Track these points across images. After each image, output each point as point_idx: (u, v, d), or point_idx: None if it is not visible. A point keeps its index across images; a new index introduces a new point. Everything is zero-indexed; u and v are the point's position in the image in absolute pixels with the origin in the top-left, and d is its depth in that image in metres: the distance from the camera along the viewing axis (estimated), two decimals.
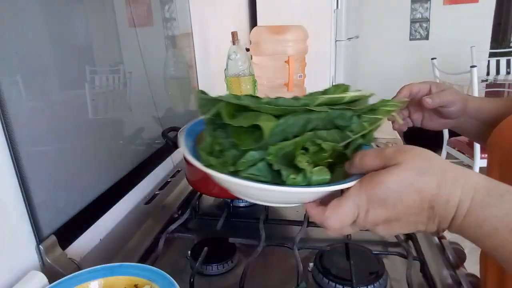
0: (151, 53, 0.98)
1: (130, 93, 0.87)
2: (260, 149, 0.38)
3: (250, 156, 0.38)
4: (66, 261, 0.61)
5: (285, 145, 0.38)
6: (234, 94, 0.46)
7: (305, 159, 0.38)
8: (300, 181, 0.37)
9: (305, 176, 0.37)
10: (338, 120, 0.41)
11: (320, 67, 2.41)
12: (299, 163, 0.37)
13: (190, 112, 1.26)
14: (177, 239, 0.74)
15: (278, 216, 0.84)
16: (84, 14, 0.72)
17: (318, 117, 0.40)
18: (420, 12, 3.97)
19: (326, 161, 0.40)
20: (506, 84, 3.17)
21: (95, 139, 0.74)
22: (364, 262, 0.62)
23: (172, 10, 1.11)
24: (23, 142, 0.55)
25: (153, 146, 0.98)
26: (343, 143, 0.41)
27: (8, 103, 0.52)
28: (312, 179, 0.38)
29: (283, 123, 0.38)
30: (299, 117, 0.39)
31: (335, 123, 0.41)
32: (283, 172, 0.37)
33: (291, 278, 0.61)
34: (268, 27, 2.04)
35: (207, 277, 0.64)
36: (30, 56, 0.58)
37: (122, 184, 0.82)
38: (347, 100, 0.42)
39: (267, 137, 0.37)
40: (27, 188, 0.56)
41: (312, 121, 0.40)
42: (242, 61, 1.32)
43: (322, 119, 0.40)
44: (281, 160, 0.38)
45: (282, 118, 0.38)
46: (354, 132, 0.41)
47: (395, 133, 1.29)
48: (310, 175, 0.37)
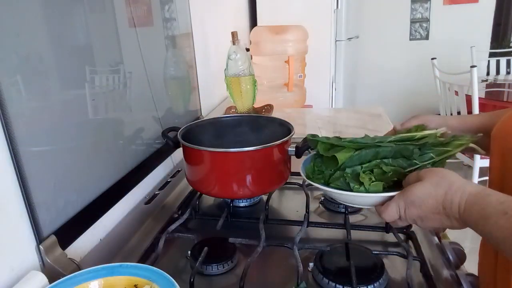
0: (151, 53, 0.98)
1: (130, 93, 0.87)
2: (342, 170, 0.61)
3: (337, 174, 0.61)
4: (66, 261, 0.61)
5: (356, 168, 0.60)
6: (327, 137, 0.67)
7: (368, 177, 0.58)
8: (362, 190, 0.58)
9: (365, 187, 0.58)
10: (403, 151, 0.60)
11: (320, 67, 2.41)
12: (361, 179, 0.58)
13: (190, 112, 1.26)
14: (177, 239, 0.74)
15: (278, 216, 0.84)
16: (84, 14, 0.72)
17: (385, 150, 0.60)
18: (420, 12, 3.97)
19: (392, 180, 0.59)
20: (506, 84, 3.17)
21: (95, 139, 0.74)
22: (364, 262, 0.62)
23: (172, 10, 1.11)
24: (23, 142, 0.55)
25: (153, 146, 0.98)
26: (410, 169, 0.59)
27: (8, 103, 0.52)
28: (370, 189, 0.57)
29: (357, 154, 0.61)
30: (370, 150, 0.61)
31: (402, 153, 0.60)
32: (352, 184, 0.59)
33: (291, 278, 0.61)
34: (268, 27, 2.04)
35: (207, 277, 0.64)
36: (30, 56, 0.58)
37: (122, 184, 0.82)
38: (417, 137, 0.62)
39: (341, 163, 0.61)
40: (27, 188, 0.56)
41: (381, 152, 0.60)
42: (242, 61, 1.32)
43: (389, 151, 0.60)
44: (354, 177, 0.60)
45: (358, 151, 0.61)
46: (419, 160, 0.59)
47: None
48: (368, 187, 0.57)
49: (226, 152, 0.76)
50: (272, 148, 0.77)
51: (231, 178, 0.78)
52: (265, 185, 0.80)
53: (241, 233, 0.72)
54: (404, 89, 4.10)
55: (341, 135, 1.22)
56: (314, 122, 1.53)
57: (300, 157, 0.81)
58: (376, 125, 1.39)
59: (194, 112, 1.29)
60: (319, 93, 2.42)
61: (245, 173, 0.76)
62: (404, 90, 4.11)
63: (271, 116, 0.88)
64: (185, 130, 0.87)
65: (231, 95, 1.40)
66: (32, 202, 0.57)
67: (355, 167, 0.61)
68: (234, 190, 0.78)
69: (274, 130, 0.86)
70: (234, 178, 0.77)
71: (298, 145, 0.80)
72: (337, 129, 1.40)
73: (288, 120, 0.88)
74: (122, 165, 0.83)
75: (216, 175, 0.78)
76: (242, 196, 0.82)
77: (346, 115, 1.65)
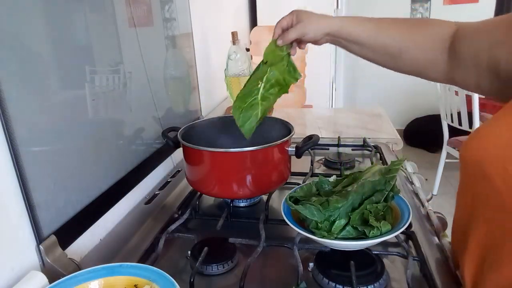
0: (151, 53, 0.98)
1: (130, 93, 0.87)
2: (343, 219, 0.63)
3: (337, 223, 0.63)
4: (66, 261, 0.61)
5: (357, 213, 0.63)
6: None
7: (373, 218, 0.61)
8: (377, 234, 0.60)
9: (379, 229, 0.60)
10: (377, 186, 0.66)
11: (320, 67, 2.41)
12: (372, 223, 0.61)
13: (190, 112, 1.26)
14: (177, 239, 0.74)
15: (278, 216, 0.84)
16: (84, 14, 0.72)
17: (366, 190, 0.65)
18: (420, 12, 3.97)
19: (381, 214, 0.64)
20: None
21: (95, 139, 0.74)
22: (364, 262, 0.62)
23: (172, 10, 1.11)
24: (23, 142, 0.55)
25: (153, 146, 0.98)
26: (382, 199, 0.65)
27: (8, 103, 0.52)
28: (383, 230, 0.61)
29: (349, 201, 0.64)
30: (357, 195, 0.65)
31: (376, 189, 0.66)
32: (366, 231, 0.61)
33: (291, 278, 0.61)
34: (268, 27, 2.04)
35: (207, 277, 0.64)
36: (30, 56, 0.58)
37: (122, 184, 0.82)
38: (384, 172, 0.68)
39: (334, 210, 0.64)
40: (27, 188, 0.56)
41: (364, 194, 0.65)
42: (242, 61, 1.32)
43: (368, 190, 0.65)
44: (360, 222, 0.63)
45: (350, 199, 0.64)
46: (386, 189, 0.66)
47: (395, 133, 1.30)
48: (381, 228, 0.61)
49: (226, 152, 0.76)
50: (272, 148, 0.77)
51: (231, 178, 0.78)
52: (265, 185, 0.80)
53: (241, 233, 0.72)
54: (404, 89, 4.09)
55: (341, 135, 1.23)
56: (314, 122, 1.53)
57: (300, 157, 0.81)
58: (376, 125, 1.39)
59: (194, 112, 1.29)
60: (319, 93, 2.41)
61: (245, 173, 0.76)
62: (404, 90, 4.10)
63: (271, 116, 0.88)
64: (185, 130, 0.87)
65: (231, 95, 1.40)
66: (32, 202, 0.57)
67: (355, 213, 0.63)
68: (234, 190, 0.78)
69: (274, 130, 0.87)
70: (234, 178, 0.77)
71: (298, 145, 0.80)
72: (337, 129, 1.40)
73: (288, 120, 0.88)
74: (122, 165, 0.83)
75: (216, 175, 0.78)
76: (242, 196, 0.82)
77: (346, 115, 1.65)
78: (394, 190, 0.67)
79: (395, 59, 0.69)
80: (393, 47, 0.68)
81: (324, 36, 0.72)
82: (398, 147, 1.21)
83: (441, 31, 0.65)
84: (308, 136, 0.82)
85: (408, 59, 0.68)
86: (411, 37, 0.67)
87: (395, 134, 1.28)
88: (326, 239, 0.61)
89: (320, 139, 0.83)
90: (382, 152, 1.12)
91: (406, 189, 0.91)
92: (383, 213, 0.64)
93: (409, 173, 0.99)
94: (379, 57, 0.71)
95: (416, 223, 0.75)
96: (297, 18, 0.72)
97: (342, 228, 0.62)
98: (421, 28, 0.68)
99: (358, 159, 1.11)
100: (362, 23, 0.70)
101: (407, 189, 0.91)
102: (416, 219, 0.77)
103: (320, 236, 0.61)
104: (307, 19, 0.71)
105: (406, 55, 0.68)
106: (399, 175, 0.88)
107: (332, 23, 0.70)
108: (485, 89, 0.61)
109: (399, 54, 0.68)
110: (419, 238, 0.70)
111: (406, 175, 0.99)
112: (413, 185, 0.93)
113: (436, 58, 0.66)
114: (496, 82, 0.59)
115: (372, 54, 0.71)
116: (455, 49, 0.63)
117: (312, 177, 0.94)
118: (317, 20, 0.71)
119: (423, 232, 0.73)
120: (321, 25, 0.71)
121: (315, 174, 0.95)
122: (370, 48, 0.70)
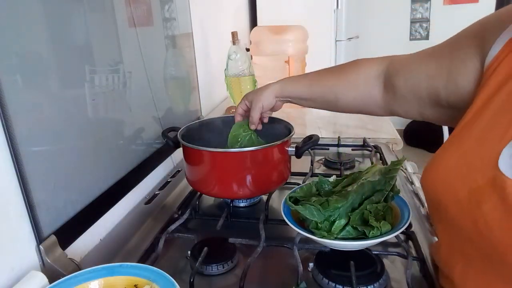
0: (151, 53, 0.98)
1: (130, 93, 0.87)
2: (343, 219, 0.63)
3: (337, 224, 0.63)
4: (66, 261, 0.61)
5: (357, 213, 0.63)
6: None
7: (373, 219, 0.61)
8: (377, 234, 0.60)
9: (378, 229, 0.60)
10: (377, 186, 0.66)
11: (320, 67, 2.41)
12: (372, 223, 0.61)
13: (190, 112, 1.26)
14: (177, 239, 0.74)
15: (278, 216, 0.84)
16: (84, 14, 0.72)
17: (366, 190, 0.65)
18: (420, 12, 3.97)
19: (381, 214, 0.64)
20: None
21: (95, 139, 0.74)
22: (364, 262, 0.62)
23: (172, 10, 1.11)
24: (23, 142, 0.55)
25: (153, 146, 0.98)
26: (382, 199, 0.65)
27: (8, 103, 0.52)
28: (383, 230, 0.61)
29: (349, 202, 0.64)
30: (357, 195, 0.65)
31: (376, 189, 0.66)
32: (366, 231, 0.61)
33: (291, 278, 0.61)
34: (268, 27, 2.04)
35: (207, 277, 0.64)
36: (30, 55, 0.58)
37: (122, 184, 0.82)
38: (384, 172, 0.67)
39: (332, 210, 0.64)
40: (27, 188, 0.56)
41: (364, 194, 0.65)
42: (242, 61, 1.32)
43: (368, 190, 0.66)
44: (360, 222, 0.63)
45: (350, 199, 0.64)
46: (386, 189, 0.65)
47: (395, 133, 1.29)
48: (381, 228, 0.60)
49: (226, 152, 0.76)
50: (272, 148, 0.77)
51: (231, 178, 0.78)
52: (265, 185, 0.80)
53: (241, 233, 0.72)
54: None
55: (341, 135, 1.23)
56: (314, 122, 1.53)
57: (300, 157, 0.81)
58: (376, 125, 1.39)
59: (194, 112, 1.29)
60: None
61: (245, 173, 0.76)
62: None
63: (271, 116, 0.88)
64: (185, 130, 0.87)
65: (231, 95, 1.40)
66: (32, 202, 0.57)
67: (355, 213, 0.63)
68: (234, 190, 0.78)
69: (274, 130, 0.87)
70: (234, 178, 0.77)
71: (298, 145, 0.80)
72: (337, 129, 1.40)
73: (288, 120, 0.88)
74: (122, 165, 0.83)
75: (216, 175, 0.78)
76: (242, 196, 0.82)
77: (346, 115, 1.64)
78: (394, 190, 0.67)
79: (335, 103, 0.74)
80: (328, 94, 0.74)
81: (275, 101, 0.79)
82: (398, 147, 1.21)
83: (371, 68, 0.69)
84: (308, 136, 0.82)
85: (346, 101, 0.73)
86: (344, 82, 0.72)
87: (395, 134, 1.28)
88: (326, 239, 0.61)
89: (320, 139, 0.83)
90: (382, 152, 1.12)
91: (406, 189, 0.91)
92: (383, 213, 0.64)
93: (409, 173, 0.99)
94: (320, 106, 0.77)
95: (416, 223, 0.75)
96: (248, 99, 0.81)
97: (342, 228, 0.62)
98: (351, 70, 0.73)
99: (358, 159, 1.11)
100: (298, 81, 0.78)
101: (407, 189, 0.91)
102: (416, 219, 0.77)
103: (320, 236, 0.61)
104: (255, 95, 0.79)
105: (343, 98, 0.73)
106: (399, 175, 0.88)
107: (274, 88, 0.78)
108: (430, 117, 0.64)
109: (337, 99, 0.73)
110: (419, 238, 0.70)
111: (406, 175, 0.99)
112: (413, 185, 0.93)
113: (373, 95, 0.69)
114: (440, 110, 0.61)
115: (314, 104, 0.77)
116: (393, 84, 0.65)
117: (312, 177, 0.94)
118: (262, 91, 0.79)
119: (423, 232, 0.73)
120: (267, 93, 0.78)
121: (315, 174, 0.95)
122: (311, 100, 0.76)
